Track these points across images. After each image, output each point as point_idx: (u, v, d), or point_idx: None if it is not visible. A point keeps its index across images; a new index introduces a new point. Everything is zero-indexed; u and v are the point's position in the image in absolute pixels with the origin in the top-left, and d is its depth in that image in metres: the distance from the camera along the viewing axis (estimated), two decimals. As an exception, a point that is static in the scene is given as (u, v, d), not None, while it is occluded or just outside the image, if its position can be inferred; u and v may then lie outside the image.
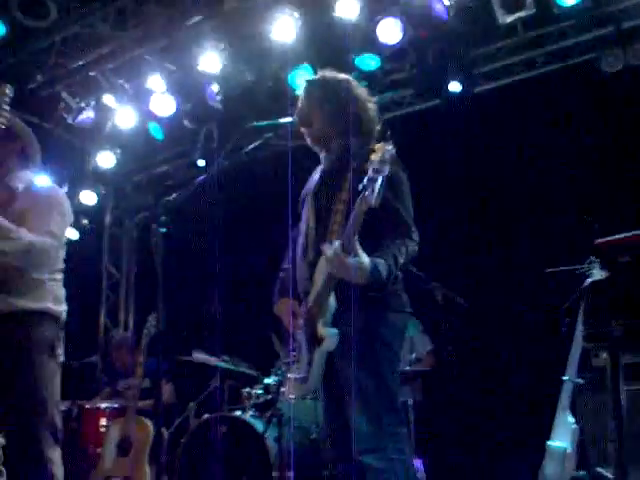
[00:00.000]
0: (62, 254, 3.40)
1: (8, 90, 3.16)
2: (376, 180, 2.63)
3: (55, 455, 3.15)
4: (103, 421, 5.66)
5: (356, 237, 2.72)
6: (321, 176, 3.22)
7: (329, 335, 2.85)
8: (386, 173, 2.64)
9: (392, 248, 2.86)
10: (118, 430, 5.14)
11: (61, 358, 3.31)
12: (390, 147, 2.73)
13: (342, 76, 3.26)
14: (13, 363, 3.11)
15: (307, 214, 3.16)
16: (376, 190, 2.62)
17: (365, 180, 2.65)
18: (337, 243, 2.76)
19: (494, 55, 6.18)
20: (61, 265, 3.40)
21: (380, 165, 2.65)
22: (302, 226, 3.19)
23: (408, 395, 5.22)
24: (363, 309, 2.89)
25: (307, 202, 3.19)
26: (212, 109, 6.19)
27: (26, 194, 3.32)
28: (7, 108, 3.17)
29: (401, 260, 2.85)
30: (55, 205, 3.33)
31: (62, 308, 3.35)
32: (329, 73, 3.28)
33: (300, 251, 3.15)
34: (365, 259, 2.73)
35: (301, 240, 3.16)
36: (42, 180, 3.45)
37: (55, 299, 3.31)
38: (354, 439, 2.88)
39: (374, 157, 2.68)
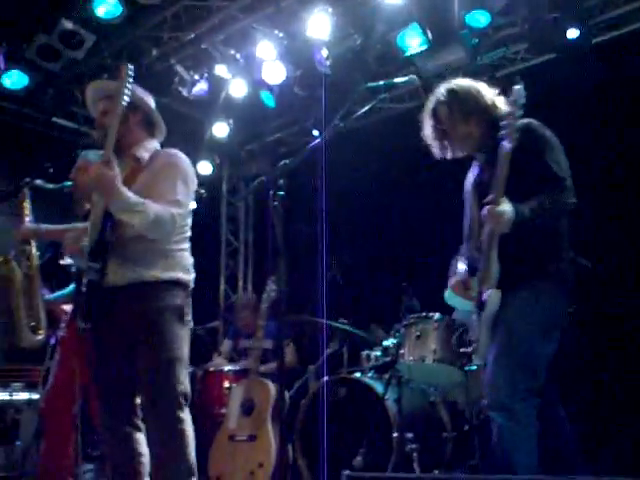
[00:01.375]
0: (189, 222, 3.42)
1: (130, 71, 3.19)
2: (511, 125, 2.91)
3: (185, 414, 3.22)
4: (226, 383, 5.87)
5: (503, 185, 2.93)
6: (479, 169, 3.43)
7: (491, 297, 2.98)
8: (518, 115, 2.92)
9: (536, 196, 3.01)
10: (241, 391, 5.28)
11: (190, 324, 3.37)
12: (519, 87, 2.97)
13: (469, 82, 3.40)
14: (144, 328, 3.19)
15: (471, 204, 3.40)
16: (512, 134, 2.89)
17: (503, 128, 2.92)
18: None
19: (612, 2, 5.88)
20: (188, 233, 3.42)
21: (512, 109, 2.92)
22: (467, 214, 3.44)
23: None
24: (536, 281, 3.06)
25: (470, 195, 3.43)
26: (322, 75, 6.19)
27: (151, 163, 3.38)
28: (130, 86, 3.20)
29: (547, 204, 2.99)
30: (180, 172, 3.34)
31: (190, 277, 3.39)
32: (458, 84, 3.39)
33: (466, 238, 3.41)
34: (508, 204, 2.94)
35: (466, 228, 3.42)
36: (167, 148, 3.50)
37: (184, 268, 3.35)
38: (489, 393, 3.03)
39: (505, 107, 2.99)
